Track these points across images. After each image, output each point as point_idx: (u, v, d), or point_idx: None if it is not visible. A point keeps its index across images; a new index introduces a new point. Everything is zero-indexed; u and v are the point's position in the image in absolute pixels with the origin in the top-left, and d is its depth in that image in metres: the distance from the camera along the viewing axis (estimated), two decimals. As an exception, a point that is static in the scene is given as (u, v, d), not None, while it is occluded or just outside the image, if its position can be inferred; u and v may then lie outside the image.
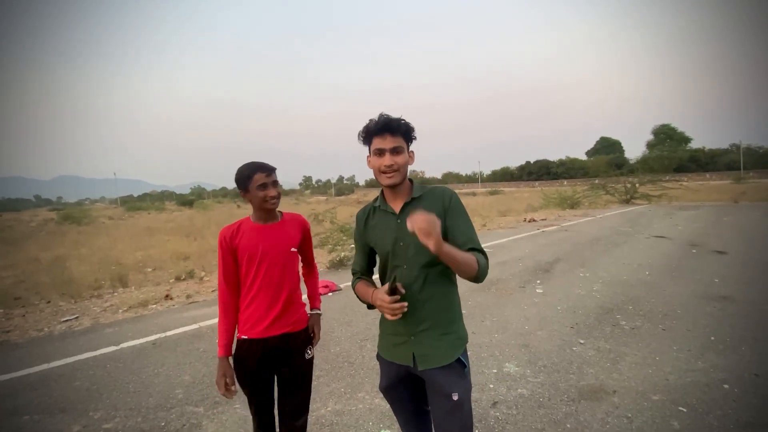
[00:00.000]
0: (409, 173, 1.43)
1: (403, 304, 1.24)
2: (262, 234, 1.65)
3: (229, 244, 1.64)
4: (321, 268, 7.10)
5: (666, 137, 58.64)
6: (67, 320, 4.81)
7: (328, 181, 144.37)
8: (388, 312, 1.25)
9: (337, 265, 7.15)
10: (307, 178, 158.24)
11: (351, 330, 3.95)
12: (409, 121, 1.36)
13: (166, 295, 5.71)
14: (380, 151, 1.32)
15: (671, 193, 18.66)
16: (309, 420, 2.40)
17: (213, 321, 4.40)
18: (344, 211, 14.87)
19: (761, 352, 3.05)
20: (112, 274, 7.17)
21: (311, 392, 1.80)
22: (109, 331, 4.38)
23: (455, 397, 1.31)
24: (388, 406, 2.50)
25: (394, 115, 1.34)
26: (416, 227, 1.07)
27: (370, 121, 1.33)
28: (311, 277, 1.96)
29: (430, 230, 1.06)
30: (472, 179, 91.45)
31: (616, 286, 5.03)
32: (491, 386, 2.74)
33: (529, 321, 3.96)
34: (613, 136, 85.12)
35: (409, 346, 1.38)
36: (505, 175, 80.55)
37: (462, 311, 1.48)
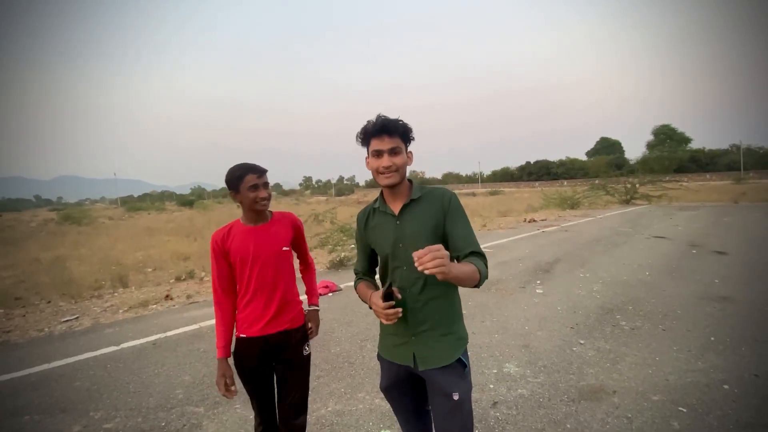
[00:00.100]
0: (409, 173, 1.43)
1: (398, 310, 1.25)
2: (252, 236, 1.66)
3: (221, 248, 1.66)
4: (321, 269, 7.11)
5: (666, 138, 58.62)
6: (67, 320, 4.82)
7: (328, 181, 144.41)
8: (383, 317, 1.26)
9: (337, 266, 7.15)
10: (307, 179, 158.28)
11: (351, 330, 3.95)
12: (409, 121, 1.36)
13: (167, 296, 5.71)
14: (378, 153, 1.32)
15: (671, 194, 18.65)
16: (309, 420, 2.40)
17: (213, 321, 4.36)
18: (344, 212, 14.86)
19: (761, 353, 3.06)
20: (112, 274, 7.17)
21: (309, 390, 1.80)
22: (110, 331, 4.39)
23: (455, 397, 1.31)
24: (388, 406, 2.51)
25: (392, 115, 1.34)
26: (427, 272, 1.02)
27: (368, 122, 1.33)
28: (308, 273, 1.96)
29: (437, 265, 1.02)
30: (472, 179, 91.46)
31: (616, 287, 5.03)
32: (491, 386, 2.75)
33: (529, 321, 3.96)
34: (613, 136, 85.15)
35: (410, 346, 1.38)
36: (505, 176, 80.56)
37: (462, 311, 1.48)
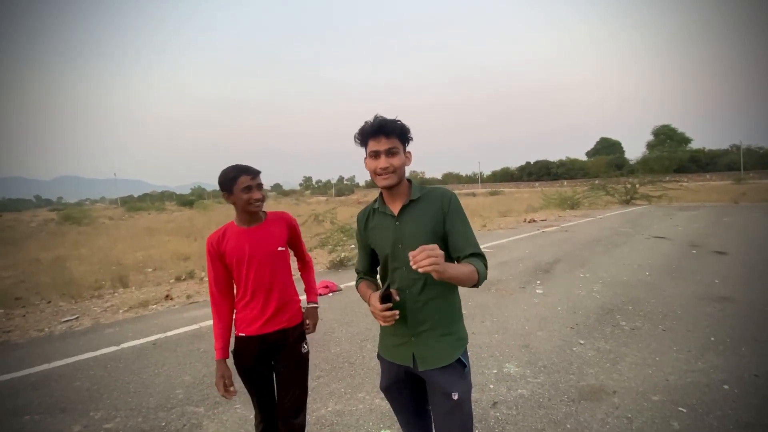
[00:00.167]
0: (409, 173, 1.43)
1: (395, 313, 1.25)
2: (247, 237, 1.66)
3: (217, 250, 1.66)
4: (321, 269, 7.11)
5: (666, 138, 58.60)
6: (67, 320, 4.82)
7: (329, 181, 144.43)
8: (380, 319, 1.27)
9: (337, 266, 7.15)
10: (308, 179, 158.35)
11: (351, 330, 3.95)
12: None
13: (167, 296, 5.71)
14: (375, 153, 1.32)
15: (671, 194, 18.64)
16: (309, 420, 2.40)
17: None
18: (344, 212, 14.86)
19: (761, 353, 3.06)
20: (112, 274, 7.18)
21: (309, 389, 1.81)
22: (110, 331, 4.39)
23: (455, 397, 1.32)
24: (388, 407, 2.51)
25: (392, 115, 1.33)
26: (421, 270, 1.05)
27: (366, 123, 1.33)
28: (306, 271, 1.97)
29: (432, 263, 1.05)
30: (472, 180, 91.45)
31: (616, 287, 5.03)
32: (491, 387, 2.75)
33: (529, 321, 3.96)
34: (613, 136, 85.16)
35: (410, 346, 1.38)
36: (505, 176, 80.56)
37: (462, 312, 1.48)
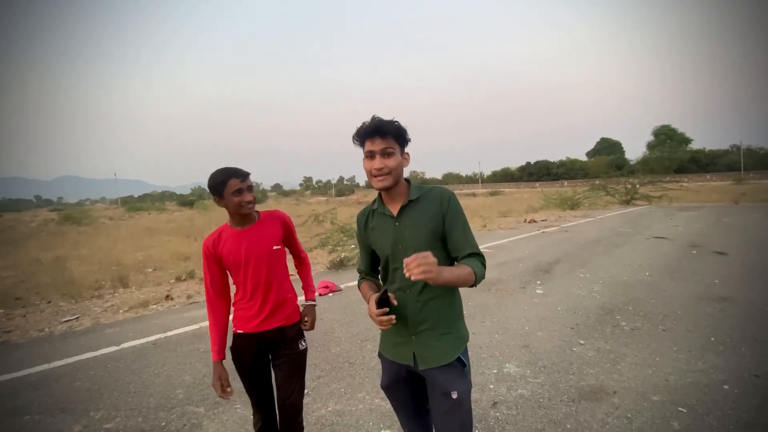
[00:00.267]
0: (410, 174, 1.43)
1: (391, 318, 1.25)
2: (241, 238, 1.67)
3: (213, 253, 1.67)
4: (321, 269, 7.11)
5: (666, 138, 58.60)
6: (67, 320, 4.82)
7: (329, 181, 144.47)
8: (377, 323, 1.27)
9: (337, 266, 7.15)
10: (308, 179, 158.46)
11: (351, 330, 3.95)
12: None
13: (167, 296, 5.72)
14: (371, 154, 1.31)
15: (671, 194, 18.63)
16: (309, 420, 2.40)
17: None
18: (344, 212, 14.86)
19: (761, 353, 3.05)
20: (112, 274, 7.18)
21: (310, 390, 1.81)
22: (110, 331, 4.39)
23: (455, 396, 1.32)
24: (388, 407, 2.51)
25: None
26: (413, 278, 1.09)
27: (363, 123, 1.33)
28: (302, 268, 1.97)
29: (423, 272, 1.08)
30: (472, 180, 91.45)
31: (617, 287, 5.03)
32: (491, 387, 2.75)
33: (530, 322, 3.96)
34: (614, 136, 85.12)
35: (410, 346, 1.39)
36: (505, 176, 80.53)
37: (463, 311, 1.48)
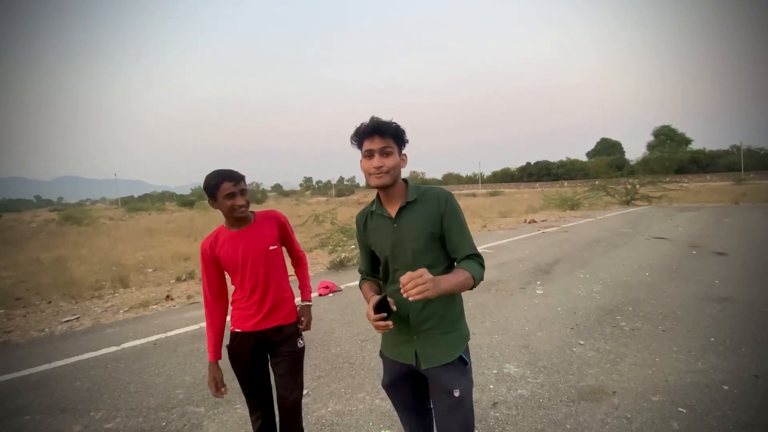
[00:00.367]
0: (410, 174, 1.44)
1: (388, 324, 1.26)
2: (238, 240, 1.68)
3: (211, 255, 1.68)
4: (321, 269, 7.11)
5: (666, 138, 58.62)
6: (68, 321, 4.83)
7: (329, 182, 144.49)
8: (374, 327, 1.28)
9: (337, 266, 7.15)
10: (308, 179, 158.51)
11: (351, 330, 3.95)
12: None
13: (167, 296, 5.72)
14: (369, 153, 1.33)
15: (672, 195, 18.64)
16: (309, 420, 2.41)
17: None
18: (345, 212, 14.87)
19: (761, 354, 3.06)
20: (112, 274, 7.19)
21: (310, 390, 1.81)
22: (110, 331, 4.39)
23: (457, 394, 1.33)
24: (388, 407, 2.51)
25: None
26: (411, 298, 1.10)
27: (361, 124, 1.35)
28: (299, 267, 1.97)
29: (420, 291, 1.09)
30: (472, 180, 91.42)
31: (616, 288, 5.03)
32: (491, 387, 2.75)
33: (529, 322, 3.96)
34: (614, 136, 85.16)
35: (412, 345, 1.40)
36: (505, 176, 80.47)
37: (464, 309, 1.50)
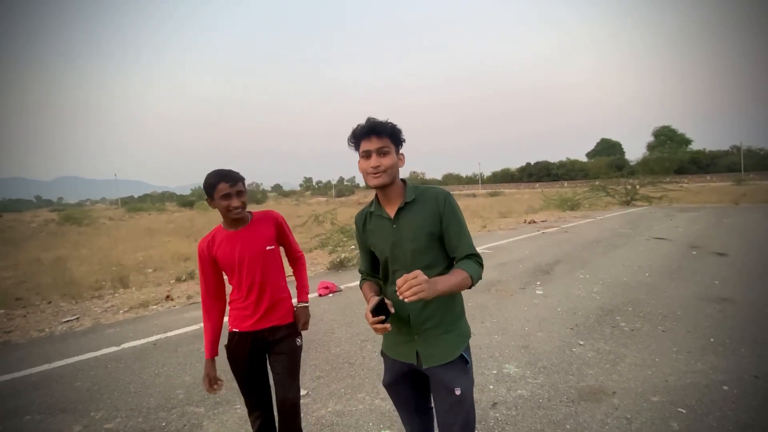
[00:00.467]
0: (410, 174, 1.44)
1: (386, 326, 1.27)
2: (235, 240, 1.69)
3: (208, 255, 1.69)
4: (321, 269, 7.12)
5: (666, 139, 58.64)
6: (68, 321, 4.83)
7: (329, 182, 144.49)
8: (373, 330, 1.29)
9: (337, 266, 7.15)
10: (308, 179, 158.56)
11: (351, 331, 3.96)
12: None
13: (167, 296, 5.72)
14: (367, 153, 1.34)
15: (672, 195, 18.64)
16: (309, 420, 2.41)
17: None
18: (345, 212, 14.87)
19: (761, 354, 3.06)
20: (112, 274, 7.19)
21: (310, 390, 1.82)
22: (110, 331, 4.39)
23: (457, 392, 1.34)
24: (388, 407, 2.51)
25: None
26: (407, 300, 1.12)
27: (358, 125, 1.36)
28: (297, 267, 1.97)
29: (415, 293, 1.11)
30: (472, 180, 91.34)
31: (616, 288, 5.03)
32: (491, 387, 2.75)
33: (529, 322, 3.97)
34: (614, 137, 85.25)
35: (413, 344, 1.40)
36: (505, 177, 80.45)
37: (464, 308, 1.50)
